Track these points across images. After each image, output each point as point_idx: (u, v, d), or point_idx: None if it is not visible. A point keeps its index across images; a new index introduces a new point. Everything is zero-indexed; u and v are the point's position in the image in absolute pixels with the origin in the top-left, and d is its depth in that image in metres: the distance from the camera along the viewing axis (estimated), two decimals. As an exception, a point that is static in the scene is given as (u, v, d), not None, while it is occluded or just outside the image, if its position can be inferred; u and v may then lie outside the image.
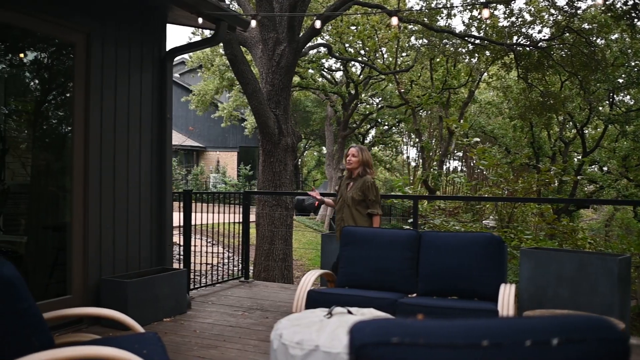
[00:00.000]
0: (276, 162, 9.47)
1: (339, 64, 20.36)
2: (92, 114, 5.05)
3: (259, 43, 9.78)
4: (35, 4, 4.53)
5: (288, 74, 9.52)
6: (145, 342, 2.57)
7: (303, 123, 26.98)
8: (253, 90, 8.96)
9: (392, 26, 14.94)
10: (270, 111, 9.25)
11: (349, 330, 1.50)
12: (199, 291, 6.63)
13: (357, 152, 5.19)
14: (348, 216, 5.11)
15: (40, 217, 5.51)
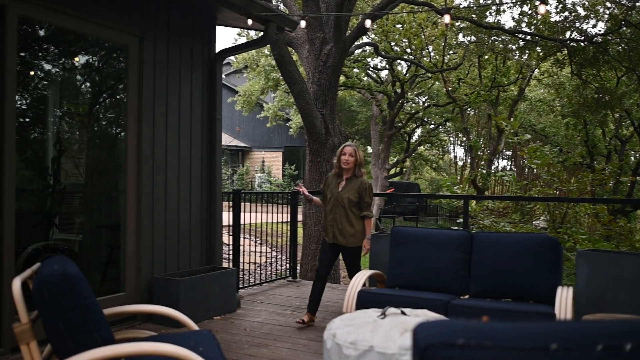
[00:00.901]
0: (323, 162, 9.47)
1: (385, 63, 20.22)
2: (145, 116, 5.17)
3: (306, 43, 9.80)
4: (91, 8, 4.67)
5: (335, 73, 9.51)
6: (201, 339, 2.60)
7: (348, 122, 26.93)
8: (300, 90, 8.98)
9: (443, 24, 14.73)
10: (317, 111, 9.26)
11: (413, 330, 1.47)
12: (247, 290, 6.70)
13: (353, 151, 5.02)
14: (342, 217, 4.96)
15: (94, 216, 5.67)
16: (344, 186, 4.99)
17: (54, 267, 2.12)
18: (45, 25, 4.62)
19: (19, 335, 2.11)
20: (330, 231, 5.03)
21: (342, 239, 4.97)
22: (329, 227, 5.05)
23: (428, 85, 21.67)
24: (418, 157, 28.58)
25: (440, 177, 33.19)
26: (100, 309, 2.22)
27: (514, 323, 1.40)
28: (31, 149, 4.83)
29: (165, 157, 5.39)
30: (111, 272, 5.40)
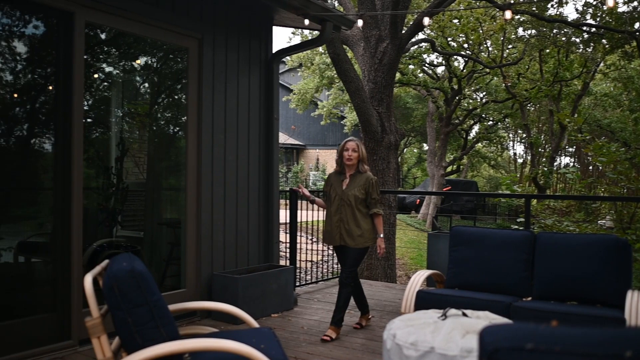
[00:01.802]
0: (379, 160, 9.42)
1: (441, 59, 19.89)
2: (204, 116, 5.29)
3: (361, 41, 9.76)
4: (153, 13, 4.81)
5: (391, 71, 9.43)
6: (262, 336, 2.64)
7: (403, 120, 26.67)
8: (356, 88, 8.96)
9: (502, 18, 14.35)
10: (372, 109, 9.22)
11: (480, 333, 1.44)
12: (304, 288, 6.74)
13: (356, 146, 4.76)
14: (349, 216, 4.68)
15: (155, 213, 5.85)
16: (348, 184, 4.75)
17: (123, 264, 2.20)
18: (106, 29, 4.79)
19: (91, 329, 2.20)
20: (337, 232, 4.73)
21: (350, 241, 4.69)
22: (335, 229, 4.74)
23: (486, 80, 21.16)
24: (475, 155, 27.98)
25: (499, 175, 32.37)
26: (166, 305, 2.29)
27: (584, 328, 1.35)
28: (95, 148, 5.02)
29: (224, 157, 5.50)
30: (172, 268, 5.55)
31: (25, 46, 4.21)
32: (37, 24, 4.27)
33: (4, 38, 4.01)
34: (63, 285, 4.23)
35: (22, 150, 4.33)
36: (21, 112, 4.30)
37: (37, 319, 4.14)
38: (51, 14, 4.25)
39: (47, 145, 4.46)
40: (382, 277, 9.26)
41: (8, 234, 4.30)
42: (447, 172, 23.60)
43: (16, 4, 4.05)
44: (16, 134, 4.30)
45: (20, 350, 3.91)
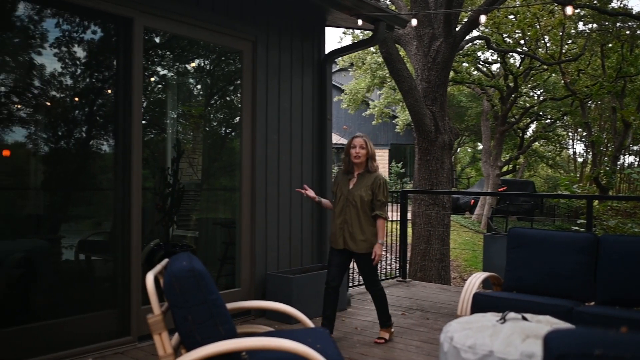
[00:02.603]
0: (433, 160, 9.29)
1: (496, 56, 19.43)
2: (258, 117, 5.36)
3: (414, 40, 9.66)
4: (209, 17, 4.91)
5: (444, 69, 9.29)
6: (318, 336, 2.64)
7: (457, 119, 26.21)
8: (409, 87, 8.87)
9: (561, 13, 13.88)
10: (426, 108, 9.10)
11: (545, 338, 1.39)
12: (356, 289, 6.72)
13: (364, 143, 4.43)
14: (354, 218, 4.35)
15: (210, 213, 5.96)
16: (355, 183, 4.42)
17: (183, 263, 2.26)
18: (161, 32, 4.91)
19: (153, 326, 2.26)
20: (340, 235, 4.41)
21: (353, 245, 4.37)
22: (339, 231, 4.42)
23: (544, 77, 20.51)
24: (532, 154, 27.17)
25: (558, 175, 31.34)
26: (224, 303, 2.33)
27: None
28: (152, 150, 5.16)
29: (277, 157, 5.55)
30: (226, 268, 5.64)
31: (85, 51, 4.37)
32: (98, 30, 4.43)
33: (64, 44, 4.18)
34: (123, 282, 4.37)
35: (82, 152, 4.50)
36: (81, 115, 4.47)
37: (99, 315, 4.29)
38: (111, 20, 4.41)
39: (104, 147, 4.62)
40: (435, 279, 9.13)
41: (69, 232, 4.48)
42: (503, 172, 23.02)
43: (77, 11, 4.21)
44: (76, 137, 4.47)
45: (83, 345, 4.06)
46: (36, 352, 3.81)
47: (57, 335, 3.96)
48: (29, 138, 4.09)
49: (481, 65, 20.94)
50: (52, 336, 3.94)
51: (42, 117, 4.14)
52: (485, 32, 16.69)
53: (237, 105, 5.62)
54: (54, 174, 4.36)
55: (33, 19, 4.02)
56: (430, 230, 9.32)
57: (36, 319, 3.96)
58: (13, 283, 4.07)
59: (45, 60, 4.07)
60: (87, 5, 4.08)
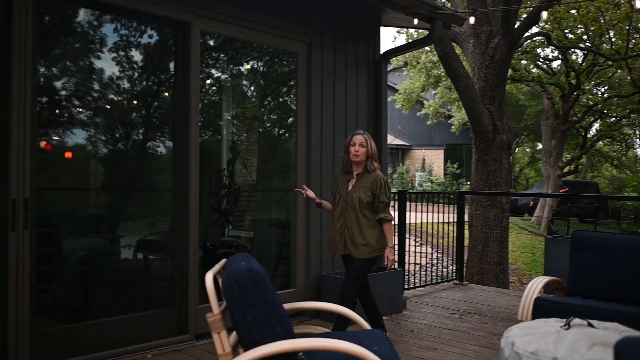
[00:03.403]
0: (490, 161, 9.08)
1: (557, 53, 18.78)
2: (313, 118, 5.38)
3: (471, 37, 9.48)
4: (264, 19, 4.97)
5: (503, 67, 9.07)
6: (374, 338, 2.63)
7: (515, 118, 25.50)
8: (465, 86, 8.71)
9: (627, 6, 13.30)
10: (483, 107, 8.91)
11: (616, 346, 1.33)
12: (412, 291, 6.65)
13: (364, 140, 4.11)
14: (353, 222, 4.07)
15: (265, 214, 6.03)
16: (354, 184, 4.14)
17: (241, 263, 2.29)
18: (215, 35, 5.00)
19: (212, 325, 2.31)
20: (341, 240, 4.13)
21: (354, 250, 4.08)
22: (339, 236, 4.14)
23: (608, 74, 19.66)
24: (596, 154, 26.10)
25: (624, 176, 29.98)
26: (281, 304, 2.35)
27: None
28: (208, 151, 5.26)
29: (332, 159, 5.56)
30: (281, 268, 5.69)
31: (142, 55, 4.50)
32: (154, 34, 4.56)
33: (122, 48, 4.32)
34: (181, 281, 4.48)
35: (139, 154, 4.63)
36: (138, 118, 4.61)
37: (157, 313, 4.41)
38: (168, 24, 4.52)
39: (161, 148, 4.74)
40: (493, 282, 8.91)
41: (127, 232, 4.62)
42: (564, 173, 22.23)
43: (135, 16, 4.33)
44: (133, 138, 4.61)
45: (142, 342, 4.18)
46: (97, 348, 3.95)
47: (117, 332, 4.09)
48: (89, 140, 4.24)
49: (541, 63, 20.29)
50: (112, 333, 4.08)
51: (101, 119, 4.29)
52: (546, 28, 16.17)
53: (291, 106, 5.66)
54: (113, 175, 4.50)
55: (92, 25, 4.18)
56: (488, 233, 9.10)
57: (97, 316, 4.11)
58: (75, 281, 4.24)
59: (104, 65, 4.22)
60: (145, 10, 4.21)
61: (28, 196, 3.58)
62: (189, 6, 4.41)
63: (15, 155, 3.54)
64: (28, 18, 3.59)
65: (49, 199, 4.03)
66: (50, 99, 3.93)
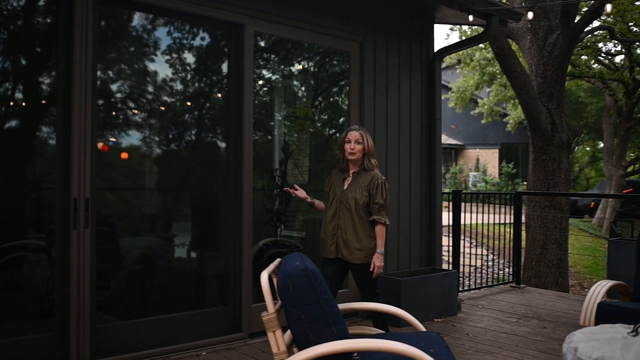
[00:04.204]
0: (549, 160, 8.79)
1: (620, 47, 18.00)
2: (366, 118, 5.35)
3: (528, 33, 9.20)
4: (317, 20, 4.97)
5: (562, 64, 8.76)
6: (430, 340, 2.58)
7: (574, 115, 24.61)
8: (522, 84, 8.46)
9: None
10: (541, 105, 8.63)
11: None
12: (467, 294, 6.51)
13: (361, 137, 3.82)
14: (347, 223, 3.76)
15: (317, 214, 6.02)
16: (350, 183, 3.85)
17: (296, 263, 2.29)
18: (265, 36, 5.02)
19: (267, 324, 2.32)
20: (332, 242, 3.82)
21: (347, 254, 3.78)
22: (330, 238, 3.84)
23: (676, 69, 18.71)
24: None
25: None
26: (336, 304, 2.34)
27: None
28: (259, 151, 5.30)
29: (385, 158, 5.51)
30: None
31: (195, 57, 4.56)
32: (206, 36, 4.62)
33: (175, 50, 4.40)
34: (235, 280, 4.53)
35: (192, 154, 4.71)
36: (191, 119, 4.68)
37: (211, 311, 4.48)
38: (220, 26, 4.58)
39: (212, 149, 4.80)
40: (552, 286, 8.63)
41: (181, 231, 4.71)
42: (628, 173, 21.27)
43: (188, 19, 4.41)
44: (187, 139, 4.69)
45: (196, 340, 4.26)
46: (152, 345, 4.04)
47: (171, 329, 4.18)
48: (143, 141, 4.34)
49: (603, 58, 19.50)
50: (167, 330, 4.16)
51: (155, 121, 4.39)
52: (608, 21, 15.52)
53: (342, 106, 5.64)
54: (167, 175, 4.59)
55: (147, 28, 4.28)
56: (546, 234, 8.81)
57: (152, 313, 4.20)
58: (132, 278, 4.35)
59: (158, 67, 4.31)
60: (199, 13, 4.27)
61: (88, 195, 3.70)
62: (242, 8, 4.46)
63: (76, 156, 3.67)
64: (88, 25, 3.72)
65: (106, 198, 4.15)
66: (107, 102, 4.04)
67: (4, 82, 3.65)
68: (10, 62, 3.67)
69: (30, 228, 3.91)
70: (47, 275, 3.78)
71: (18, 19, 3.69)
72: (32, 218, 3.94)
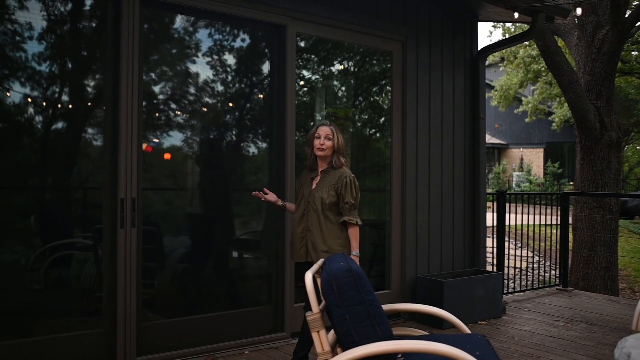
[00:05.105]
0: (597, 160, 8.52)
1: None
2: (408, 118, 5.30)
3: (575, 29, 8.95)
4: (359, 20, 4.96)
5: (611, 60, 8.47)
6: (476, 343, 2.53)
7: (624, 113, 23.76)
8: (569, 82, 8.23)
9: None
10: (589, 103, 8.38)
11: None
12: (511, 296, 6.38)
13: (331, 132, 3.58)
14: (315, 225, 3.53)
15: (359, 214, 5.97)
16: (318, 182, 3.62)
17: (340, 263, 2.29)
18: (305, 36, 5.02)
19: (311, 323, 2.32)
20: (302, 246, 3.59)
21: (315, 256, 3.53)
22: (299, 241, 3.60)
23: None
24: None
25: None
26: (380, 305, 2.32)
27: None
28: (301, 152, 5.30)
29: (428, 158, 5.45)
30: (375, 269, 5.64)
31: (236, 58, 4.59)
32: (249, 37, 4.66)
33: (216, 52, 4.45)
34: (277, 280, 4.56)
35: (234, 155, 4.76)
36: (232, 120, 4.71)
37: (254, 311, 4.51)
38: (263, 28, 4.61)
39: (254, 149, 4.83)
40: (601, 289, 8.36)
41: (223, 231, 4.75)
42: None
43: (229, 21, 4.45)
44: (228, 140, 4.73)
45: (239, 338, 4.30)
46: (196, 343, 4.10)
47: (214, 328, 4.23)
48: (185, 142, 4.40)
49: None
50: (210, 328, 4.22)
51: (197, 122, 4.45)
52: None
53: (382, 106, 5.61)
54: (209, 176, 4.64)
55: (188, 30, 4.35)
56: (595, 236, 8.54)
57: (196, 312, 4.27)
58: (175, 277, 4.42)
59: (199, 69, 4.36)
60: (240, 15, 4.31)
61: (135, 196, 3.79)
62: (285, 9, 4.48)
63: (123, 156, 3.76)
64: (135, 28, 3.81)
65: (150, 198, 4.24)
66: (150, 103, 4.12)
67: (53, 85, 3.76)
68: (57, 65, 3.78)
69: (77, 227, 4.03)
70: (94, 274, 3.89)
71: (66, 23, 3.80)
72: (79, 217, 4.05)
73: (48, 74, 3.71)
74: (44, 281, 3.74)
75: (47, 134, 3.77)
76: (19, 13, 3.56)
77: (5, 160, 3.59)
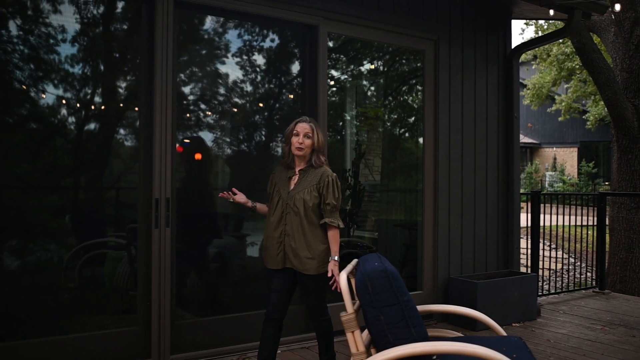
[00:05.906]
0: (635, 160, 8.30)
1: None
2: (441, 117, 5.25)
3: (611, 26, 8.74)
4: (391, 19, 4.93)
5: (650, 57, 8.24)
6: (512, 345, 2.49)
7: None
8: (606, 79, 8.04)
9: None
10: (627, 102, 8.17)
11: None
12: (546, 298, 6.26)
13: (310, 130, 3.33)
14: (296, 229, 3.26)
15: (390, 215, 5.95)
16: (297, 183, 3.35)
17: (375, 263, 2.27)
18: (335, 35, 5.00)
19: (346, 324, 2.31)
20: (279, 251, 3.31)
21: (297, 263, 3.27)
22: (276, 246, 3.32)
23: None
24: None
25: None
26: (415, 306, 2.30)
27: None
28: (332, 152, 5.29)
29: (461, 158, 5.39)
30: (407, 270, 5.60)
31: (267, 58, 4.61)
32: (279, 37, 4.67)
33: (247, 52, 4.46)
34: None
35: (263, 154, 4.76)
36: (261, 120, 4.72)
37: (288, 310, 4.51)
38: (294, 28, 4.62)
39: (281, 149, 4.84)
40: (638, 292, 8.13)
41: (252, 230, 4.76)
42: None
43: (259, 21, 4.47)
44: (257, 140, 4.75)
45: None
46: (227, 342, 4.13)
47: (246, 327, 4.24)
48: (215, 142, 4.44)
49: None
50: (241, 327, 4.23)
51: (227, 122, 4.47)
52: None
53: (413, 105, 5.56)
54: (238, 176, 4.67)
55: (218, 31, 4.38)
56: (633, 238, 8.32)
57: (228, 311, 4.30)
58: (207, 276, 4.46)
59: (229, 69, 4.39)
60: (271, 15, 4.33)
61: (169, 196, 3.83)
62: (316, 9, 4.49)
63: (158, 157, 3.81)
64: (169, 30, 3.85)
65: (182, 198, 4.29)
66: (181, 104, 4.17)
67: (85, 86, 3.83)
68: (90, 67, 3.85)
69: (110, 226, 4.10)
70: (128, 272, 3.95)
71: (98, 26, 3.87)
72: (112, 217, 4.12)
73: (81, 75, 3.78)
74: (78, 280, 3.81)
75: (80, 134, 3.84)
76: (53, 17, 3.64)
77: (40, 161, 3.67)
